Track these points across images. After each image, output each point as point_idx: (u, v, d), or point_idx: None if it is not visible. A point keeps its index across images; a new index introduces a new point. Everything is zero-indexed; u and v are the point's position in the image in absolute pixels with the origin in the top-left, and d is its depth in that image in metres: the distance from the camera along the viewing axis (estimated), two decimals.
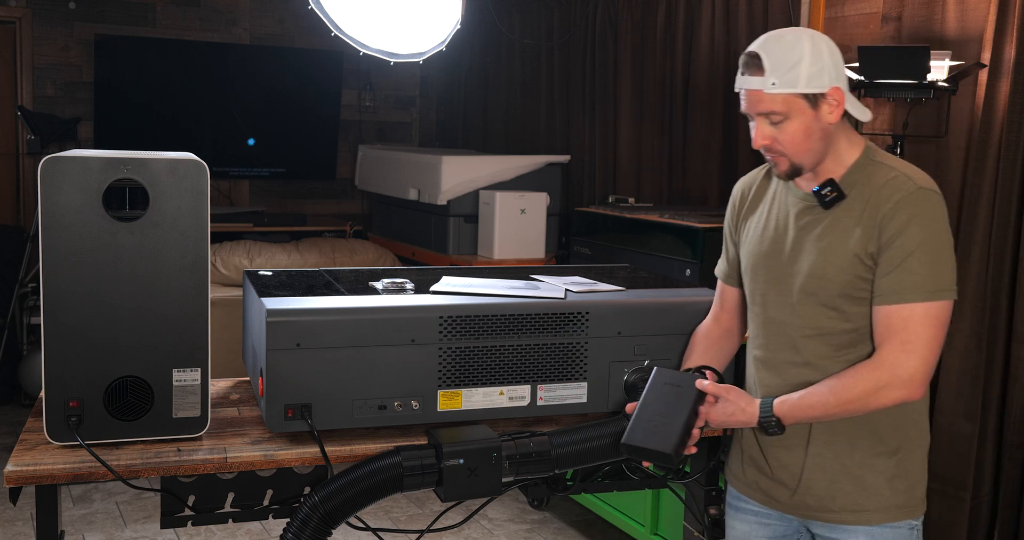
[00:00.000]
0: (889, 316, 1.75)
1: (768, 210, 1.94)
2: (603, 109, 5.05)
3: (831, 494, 1.87)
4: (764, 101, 1.77)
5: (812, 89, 1.75)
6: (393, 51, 2.76)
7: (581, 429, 1.96)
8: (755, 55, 1.78)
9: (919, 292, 1.73)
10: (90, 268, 1.77)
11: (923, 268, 1.73)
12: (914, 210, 1.73)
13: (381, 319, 1.92)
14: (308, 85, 6.70)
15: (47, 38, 6.11)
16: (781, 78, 1.75)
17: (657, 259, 3.73)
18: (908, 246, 1.73)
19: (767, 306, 1.91)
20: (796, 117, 1.77)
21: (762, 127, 1.80)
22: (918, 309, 1.73)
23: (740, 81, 1.81)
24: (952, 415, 3.10)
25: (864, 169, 1.81)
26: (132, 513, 3.92)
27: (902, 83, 3.11)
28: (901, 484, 1.86)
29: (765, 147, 1.82)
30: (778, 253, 1.89)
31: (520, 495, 3.98)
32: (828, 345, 1.83)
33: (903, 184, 1.76)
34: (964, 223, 3.08)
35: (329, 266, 3.96)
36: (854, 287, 1.79)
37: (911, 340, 1.73)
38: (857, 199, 1.79)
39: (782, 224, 1.90)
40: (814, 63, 1.75)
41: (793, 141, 1.78)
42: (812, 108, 1.77)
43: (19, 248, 5.43)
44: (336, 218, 6.86)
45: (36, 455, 1.77)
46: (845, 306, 1.80)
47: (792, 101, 1.76)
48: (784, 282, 1.87)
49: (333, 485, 1.81)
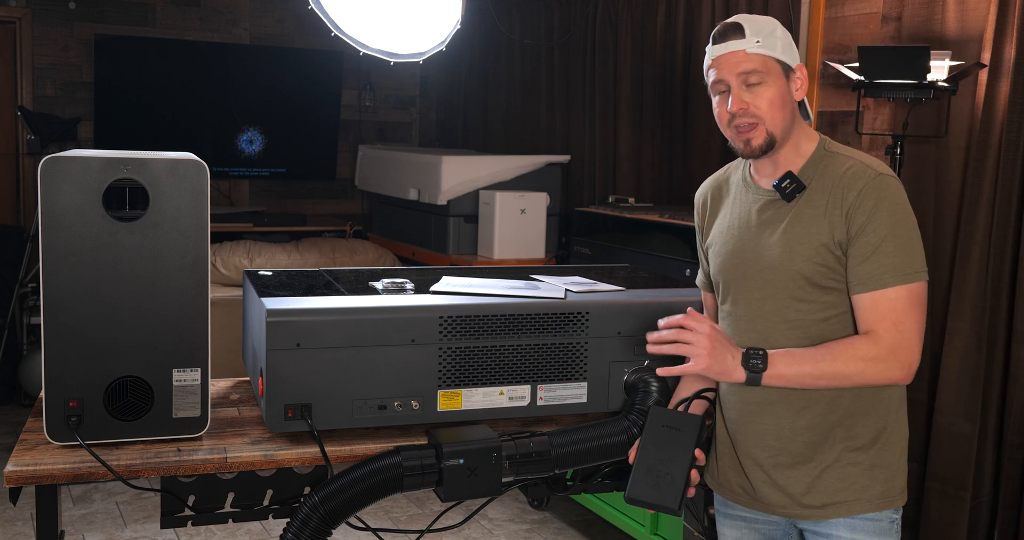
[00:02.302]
0: (875, 301, 1.76)
1: (730, 211, 1.95)
2: (603, 109, 5.05)
3: (810, 490, 1.85)
4: (744, 61, 1.80)
5: (787, 59, 1.82)
6: (393, 51, 2.75)
7: (581, 429, 1.96)
8: (736, 24, 1.83)
9: (898, 275, 1.75)
10: (90, 268, 1.77)
11: (898, 250, 1.75)
12: (878, 196, 1.76)
13: (381, 319, 1.92)
14: (308, 85, 6.70)
15: (47, 38, 6.11)
16: (763, 40, 1.80)
17: (657, 259, 3.73)
18: (880, 231, 1.75)
19: (737, 303, 1.91)
20: (772, 83, 1.80)
21: (738, 92, 1.81)
22: (902, 291, 1.75)
23: (718, 48, 1.83)
24: (952, 415, 3.10)
25: (821, 160, 1.84)
26: (132, 513, 3.92)
27: (902, 83, 3.11)
28: (881, 474, 1.85)
29: (741, 111, 1.81)
30: (743, 250, 1.89)
31: (520, 495, 3.98)
32: (801, 336, 1.83)
33: (862, 172, 1.79)
34: (964, 223, 3.07)
35: (329, 266, 3.96)
36: (822, 276, 1.80)
37: (903, 321, 1.75)
38: (818, 190, 1.81)
39: (744, 222, 1.91)
40: (785, 38, 1.83)
41: (770, 106, 1.80)
42: (784, 78, 1.82)
43: (19, 248, 5.43)
44: (336, 218, 6.86)
45: (36, 455, 1.77)
46: (814, 295, 1.81)
47: (771, 63, 1.80)
48: (752, 278, 1.88)
49: (333, 485, 1.81)
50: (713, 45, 1.84)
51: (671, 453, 1.86)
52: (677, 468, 1.84)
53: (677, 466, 1.84)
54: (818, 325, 1.82)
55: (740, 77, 1.81)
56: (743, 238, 1.90)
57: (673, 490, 1.83)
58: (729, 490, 1.98)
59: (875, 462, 1.85)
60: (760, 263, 1.86)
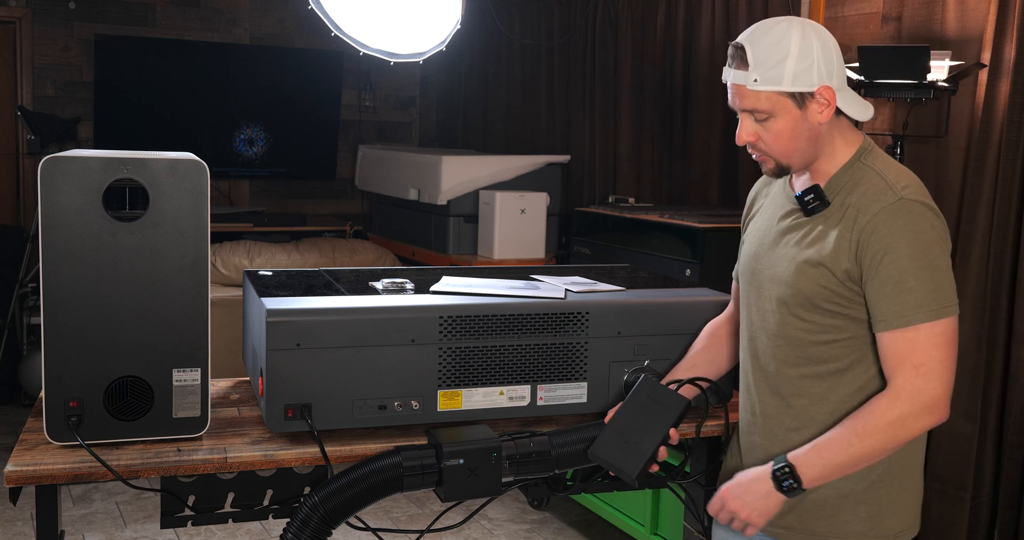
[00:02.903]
0: (895, 341, 1.65)
1: (765, 211, 1.90)
2: (603, 109, 5.05)
3: (791, 509, 1.79)
4: (747, 97, 1.69)
5: (798, 88, 1.66)
6: (393, 51, 2.76)
7: (581, 429, 1.95)
8: (740, 47, 1.69)
9: (922, 312, 1.62)
10: (90, 268, 1.77)
11: (921, 285, 1.62)
12: (897, 224, 1.63)
13: (381, 319, 1.92)
14: (308, 85, 6.70)
15: (47, 38, 6.11)
16: (764, 75, 1.66)
17: (657, 259, 3.73)
18: (900, 263, 1.62)
19: (747, 309, 1.89)
20: (781, 116, 1.69)
21: (746, 123, 1.73)
22: (922, 330, 1.62)
23: (726, 73, 1.73)
24: (952, 415, 3.07)
25: (853, 173, 1.72)
26: (132, 513, 3.92)
27: (902, 83, 3.11)
28: (864, 511, 1.76)
29: (749, 144, 1.75)
30: (760, 256, 1.84)
31: (520, 495, 3.98)
32: (799, 355, 1.76)
33: (883, 194, 1.66)
34: (964, 223, 3.08)
35: (329, 266, 3.96)
36: (823, 298, 1.71)
37: (924, 363, 1.63)
38: (839, 206, 1.71)
39: (768, 225, 1.85)
40: (801, 60, 1.65)
41: (777, 141, 1.71)
42: (798, 107, 1.68)
43: (19, 248, 5.43)
44: (336, 218, 6.86)
45: (36, 455, 1.77)
46: (814, 316, 1.73)
47: (776, 99, 1.67)
48: (762, 286, 1.83)
49: (333, 485, 1.81)
50: (726, 65, 1.74)
51: (647, 424, 1.86)
52: (648, 440, 1.84)
53: (648, 438, 1.84)
54: (817, 347, 1.74)
55: (745, 112, 1.73)
56: (763, 243, 1.84)
57: (637, 458, 1.82)
58: None
59: (861, 498, 1.76)
60: (770, 274, 1.81)
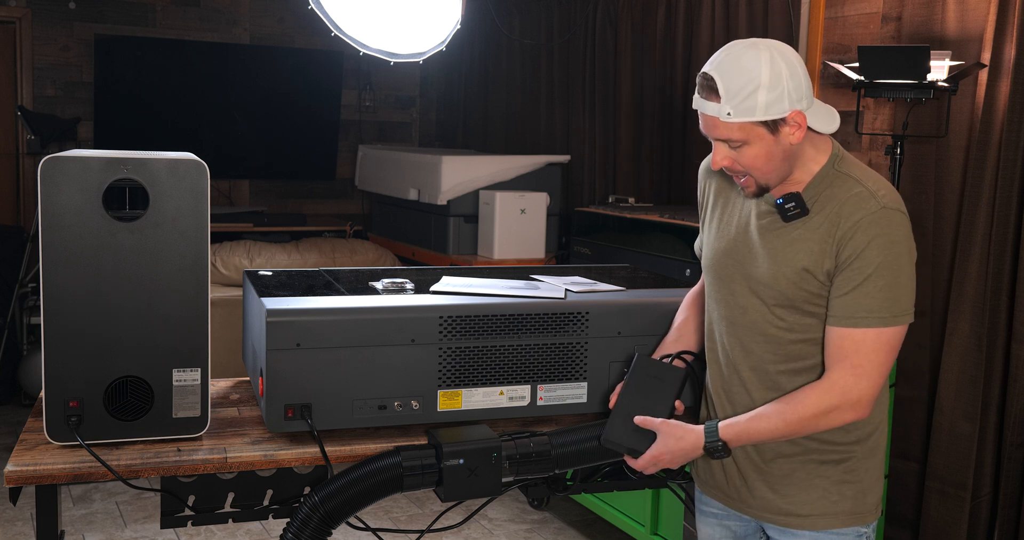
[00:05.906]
0: (842, 338, 1.72)
1: (734, 204, 1.90)
2: (603, 109, 5.05)
3: (778, 496, 1.85)
4: (720, 128, 1.71)
5: (771, 116, 1.68)
6: (393, 51, 2.76)
7: (581, 429, 1.95)
8: (710, 78, 1.70)
9: (874, 318, 1.70)
10: (90, 268, 1.77)
11: (879, 293, 1.69)
12: (875, 231, 1.69)
13: (381, 319, 1.92)
14: (308, 85, 6.70)
15: (47, 38, 6.11)
16: (737, 107, 1.68)
17: (657, 259, 3.73)
18: (866, 269, 1.69)
19: (720, 304, 1.89)
20: (755, 143, 1.71)
21: (721, 149, 1.75)
22: (870, 334, 1.70)
23: (697, 101, 1.74)
24: (952, 415, 3.10)
25: (829, 181, 1.76)
26: (132, 513, 3.92)
27: (902, 83, 3.11)
28: (849, 490, 1.83)
29: (726, 168, 1.78)
30: (735, 252, 1.86)
31: (520, 495, 3.98)
32: (776, 351, 1.81)
33: (864, 203, 1.71)
34: (964, 223, 3.08)
35: (329, 266, 3.96)
36: (804, 300, 1.76)
37: (862, 364, 1.71)
38: (818, 213, 1.75)
39: (743, 223, 1.86)
40: (772, 89, 1.67)
41: (754, 165, 1.73)
42: (771, 133, 1.70)
43: (19, 248, 5.43)
44: (336, 218, 6.86)
45: (36, 455, 1.77)
46: (793, 317, 1.78)
47: (750, 129, 1.70)
48: (737, 282, 1.85)
49: (333, 485, 1.81)
50: (695, 93, 1.75)
51: (653, 401, 1.89)
52: (656, 417, 1.86)
53: (657, 415, 1.86)
54: (795, 344, 1.80)
55: (719, 140, 1.75)
56: (738, 240, 1.86)
57: (650, 437, 1.85)
58: (706, 483, 1.98)
59: (844, 478, 1.83)
60: (747, 273, 1.83)
